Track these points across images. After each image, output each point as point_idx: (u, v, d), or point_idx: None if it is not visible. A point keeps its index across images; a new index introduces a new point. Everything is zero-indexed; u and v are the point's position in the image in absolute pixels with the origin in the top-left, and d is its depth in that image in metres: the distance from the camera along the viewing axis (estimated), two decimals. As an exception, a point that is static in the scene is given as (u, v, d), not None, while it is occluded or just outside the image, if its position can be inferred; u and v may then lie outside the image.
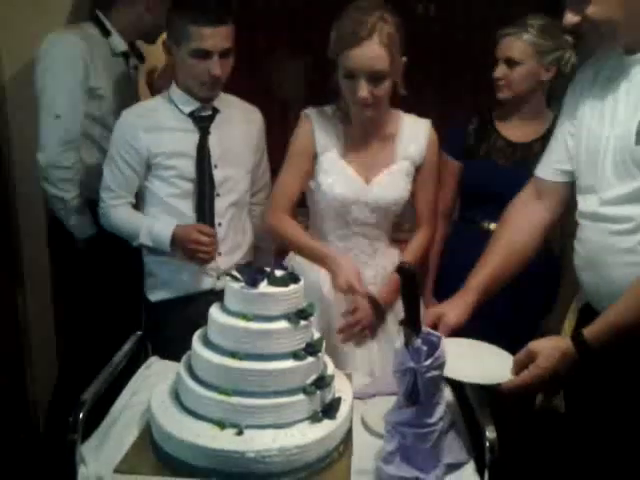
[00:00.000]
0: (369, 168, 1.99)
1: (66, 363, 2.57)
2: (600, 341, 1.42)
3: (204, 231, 2.08)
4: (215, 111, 2.17)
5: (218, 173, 2.15)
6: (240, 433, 1.35)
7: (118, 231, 2.19)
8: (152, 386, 1.58)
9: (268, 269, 1.47)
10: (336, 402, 1.46)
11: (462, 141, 2.36)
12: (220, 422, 1.37)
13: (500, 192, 1.87)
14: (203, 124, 2.15)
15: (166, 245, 2.10)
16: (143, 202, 2.21)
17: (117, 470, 1.36)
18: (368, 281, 1.99)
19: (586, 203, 1.58)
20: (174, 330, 1.96)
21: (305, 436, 1.37)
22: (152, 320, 2.24)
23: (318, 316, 1.79)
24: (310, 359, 1.43)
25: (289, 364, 1.40)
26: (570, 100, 1.67)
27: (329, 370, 1.50)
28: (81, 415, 1.38)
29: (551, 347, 1.45)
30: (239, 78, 2.13)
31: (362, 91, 1.84)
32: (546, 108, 2.32)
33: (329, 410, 1.44)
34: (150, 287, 2.25)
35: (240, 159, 2.21)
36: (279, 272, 1.48)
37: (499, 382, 1.46)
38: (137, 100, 2.48)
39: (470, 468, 1.41)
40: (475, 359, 1.55)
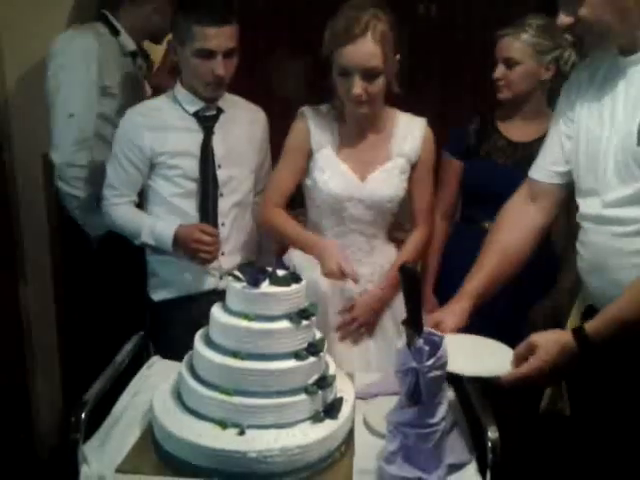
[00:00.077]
0: (364, 165, 1.99)
1: (68, 363, 2.57)
2: (601, 336, 1.42)
3: (207, 231, 2.08)
4: (219, 111, 2.17)
5: (222, 173, 2.16)
6: (242, 433, 1.35)
7: (120, 229, 2.19)
8: (154, 386, 1.58)
9: (270, 269, 1.48)
10: (338, 402, 1.46)
11: (463, 141, 2.36)
12: (222, 422, 1.37)
13: (500, 192, 1.87)
14: (207, 124, 2.15)
15: (168, 244, 2.10)
16: (146, 201, 2.21)
17: (119, 470, 1.36)
18: (365, 279, 2.00)
19: (588, 206, 1.57)
20: (177, 330, 1.97)
21: (307, 436, 1.37)
22: (155, 320, 2.24)
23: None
24: (312, 359, 1.43)
25: (291, 364, 1.40)
26: (565, 101, 1.66)
27: (331, 370, 1.50)
28: (83, 415, 1.38)
29: (552, 340, 1.44)
30: (239, 78, 2.13)
31: (356, 88, 1.84)
32: (547, 107, 2.32)
33: (331, 410, 1.44)
34: (153, 287, 2.26)
35: (244, 159, 2.22)
36: (281, 272, 1.48)
37: (498, 374, 1.46)
38: (143, 99, 2.48)
39: (472, 468, 1.41)
40: (474, 352, 1.55)
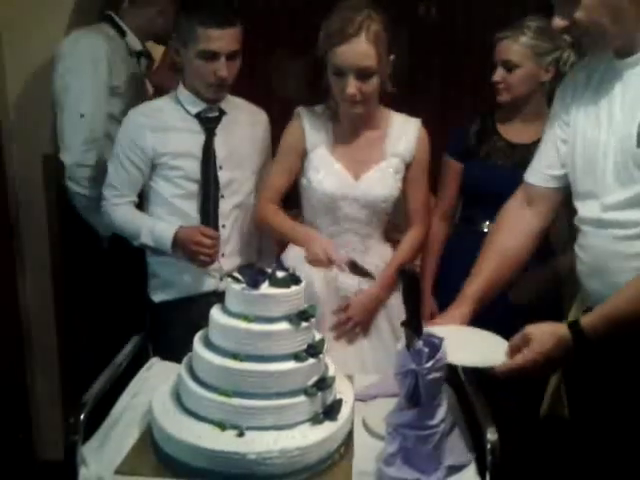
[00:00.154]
0: (358, 165, 2.00)
1: (68, 363, 2.57)
2: (597, 331, 1.42)
3: (207, 234, 2.07)
4: (221, 112, 2.17)
5: (223, 175, 2.16)
6: (241, 434, 1.35)
7: (120, 229, 2.19)
8: (153, 387, 1.58)
9: (269, 270, 1.47)
10: (337, 404, 1.46)
11: (463, 142, 2.35)
12: (221, 423, 1.37)
13: (500, 193, 1.87)
14: (209, 125, 2.15)
15: (167, 246, 2.09)
16: (147, 202, 2.21)
17: (118, 471, 1.36)
18: (360, 278, 1.99)
19: (587, 209, 1.57)
20: (177, 331, 1.96)
21: (306, 438, 1.37)
22: (155, 321, 2.23)
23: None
24: (311, 360, 1.42)
25: (290, 365, 1.40)
26: (560, 104, 1.65)
27: (330, 372, 1.50)
28: (82, 416, 1.38)
29: (547, 333, 1.45)
30: (239, 78, 2.13)
31: (350, 88, 1.85)
32: (547, 108, 2.31)
33: (330, 412, 1.44)
34: (153, 288, 2.25)
35: (245, 161, 2.22)
36: (280, 273, 1.48)
37: (493, 365, 1.46)
38: (146, 99, 2.49)
39: (471, 470, 1.41)
40: (470, 344, 1.55)
